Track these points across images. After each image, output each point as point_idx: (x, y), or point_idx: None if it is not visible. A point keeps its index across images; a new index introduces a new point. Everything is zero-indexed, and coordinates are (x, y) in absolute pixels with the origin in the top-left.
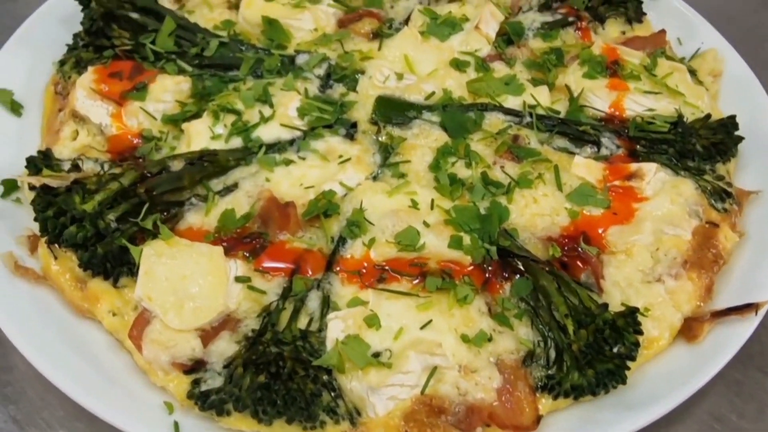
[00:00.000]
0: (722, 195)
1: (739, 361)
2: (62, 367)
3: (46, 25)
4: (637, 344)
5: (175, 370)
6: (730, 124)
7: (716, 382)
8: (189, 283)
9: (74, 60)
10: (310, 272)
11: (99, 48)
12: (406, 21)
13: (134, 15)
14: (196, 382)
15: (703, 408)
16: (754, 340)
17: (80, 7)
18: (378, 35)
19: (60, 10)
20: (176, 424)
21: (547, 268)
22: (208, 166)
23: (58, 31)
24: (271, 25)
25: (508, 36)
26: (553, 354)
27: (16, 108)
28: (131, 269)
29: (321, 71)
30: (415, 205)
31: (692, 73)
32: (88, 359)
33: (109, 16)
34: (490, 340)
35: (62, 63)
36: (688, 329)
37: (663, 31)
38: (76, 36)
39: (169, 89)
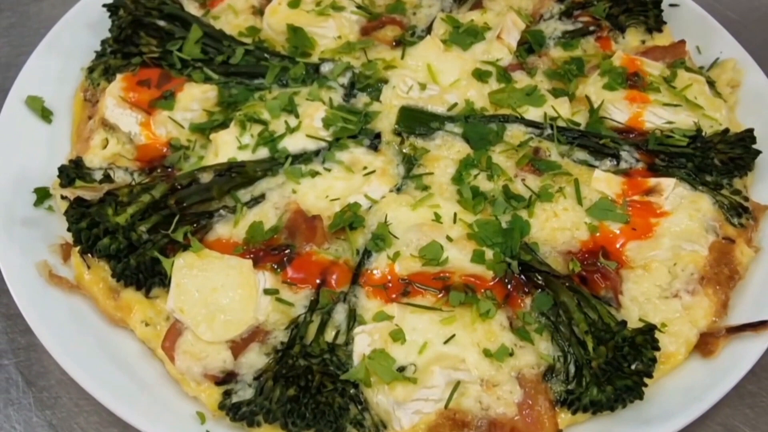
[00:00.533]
0: (739, 210)
1: (753, 373)
2: (96, 375)
3: (74, 31)
4: (654, 360)
5: (207, 381)
6: (747, 138)
7: (730, 394)
8: (220, 295)
9: (103, 67)
10: (336, 285)
11: (127, 55)
12: (429, 28)
13: (161, 23)
14: (227, 393)
15: (717, 420)
16: None
17: (107, 13)
18: (401, 43)
19: (87, 15)
20: None
21: (567, 284)
22: (236, 177)
23: (85, 36)
24: (295, 32)
25: (529, 45)
26: (572, 369)
27: (46, 115)
28: (163, 280)
29: (345, 80)
30: (438, 218)
31: (711, 84)
32: (121, 367)
33: (137, 24)
34: (511, 354)
35: (91, 70)
36: (704, 344)
37: (683, 41)
38: (104, 42)
39: (196, 98)
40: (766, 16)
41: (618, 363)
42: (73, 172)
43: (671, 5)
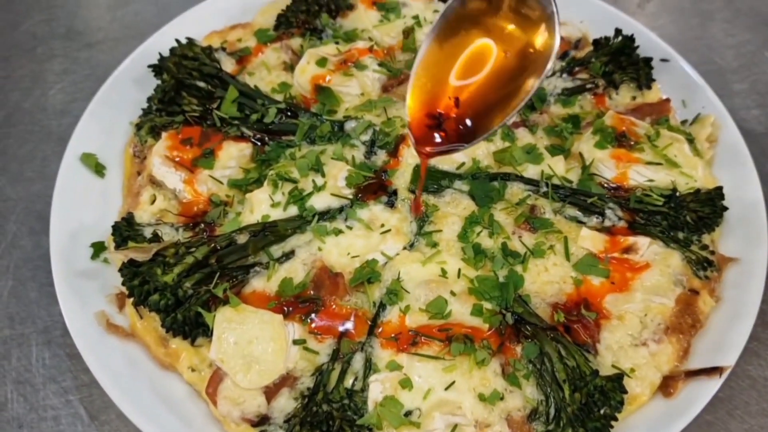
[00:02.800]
0: (705, 264)
1: (710, 404)
2: (149, 414)
3: (122, 87)
4: (622, 403)
5: (245, 423)
6: (716, 196)
7: (690, 423)
8: (255, 347)
9: (149, 125)
10: (355, 334)
11: (171, 113)
12: None
13: (201, 83)
14: None
15: None
16: (724, 385)
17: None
18: None
19: (135, 71)
20: None
21: (551, 334)
22: (269, 235)
23: (133, 92)
24: (322, 91)
25: (532, 103)
26: (552, 412)
27: (99, 170)
28: (206, 331)
29: (366, 137)
30: (444, 274)
31: (690, 141)
32: (171, 408)
33: (179, 85)
34: (502, 398)
35: (139, 127)
36: (665, 386)
37: (668, 100)
38: (149, 100)
39: (233, 156)
40: (751, 62)
41: (589, 408)
42: (125, 230)
43: (662, 60)
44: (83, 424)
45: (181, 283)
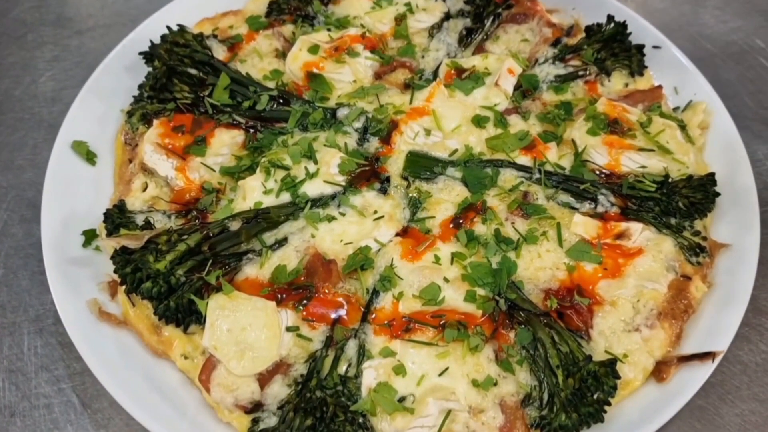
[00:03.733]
0: (697, 250)
1: (702, 388)
2: (141, 402)
3: (113, 74)
4: (614, 388)
5: (238, 410)
6: (708, 182)
7: (682, 408)
8: (248, 334)
9: (141, 113)
10: (348, 321)
11: (162, 101)
12: (435, 72)
13: (192, 71)
14: (255, 421)
15: (668, 431)
16: (716, 371)
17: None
18: (409, 86)
19: (126, 58)
20: None
21: (545, 320)
22: (262, 222)
23: (124, 79)
24: (315, 78)
25: (525, 89)
26: (546, 397)
27: (91, 158)
28: (199, 318)
29: (359, 124)
30: (437, 260)
31: (682, 127)
32: (164, 395)
33: (171, 72)
34: (495, 384)
35: (130, 114)
36: (658, 371)
37: (660, 87)
38: (140, 88)
39: (226, 143)
40: (742, 50)
41: (582, 393)
42: (117, 217)
43: (654, 47)
44: (76, 412)
45: (173, 270)
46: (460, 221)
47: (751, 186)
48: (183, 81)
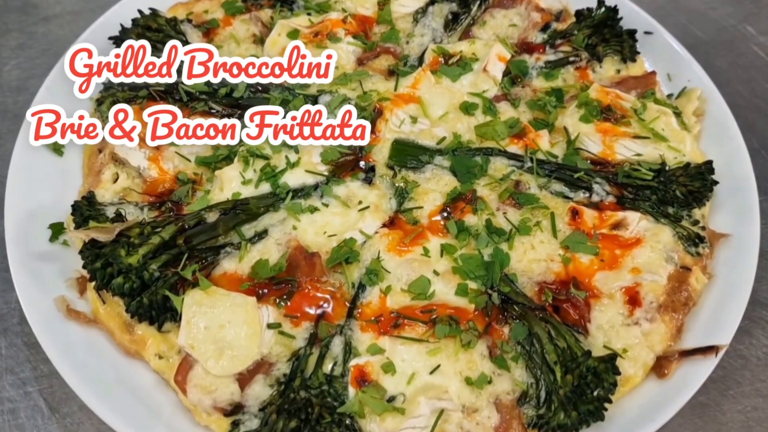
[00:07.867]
0: (696, 240)
1: (704, 385)
2: (113, 405)
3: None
4: (615, 385)
5: (217, 413)
6: (706, 170)
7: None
8: (227, 332)
9: (111, 100)
10: (333, 317)
11: (134, 88)
12: (421, 58)
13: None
14: (235, 424)
15: (669, 428)
16: (717, 366)
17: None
18: (394, 72)
19: (94, 44)
20: None
21: (540, 314)
22: (241, 214)
23: None
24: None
25: (514, 76)
26: (543, 395)
27: (57, 148)
28: (174, 316)
29: (342, 112)
30: (426, 252)
31: (677, 114)
32: (137, 397)
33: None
34: (489, 382)
35: (99, 102)
36: (659, 367)
37: (653, 73)
38: None
39: None
40: (733, 37)
41: (582, 390)
42: (86, 209)
43: (646, 33)
44: (43, 417)
45: (146, 264)
46: (450, 212)
47: (750, 174)
48: None
